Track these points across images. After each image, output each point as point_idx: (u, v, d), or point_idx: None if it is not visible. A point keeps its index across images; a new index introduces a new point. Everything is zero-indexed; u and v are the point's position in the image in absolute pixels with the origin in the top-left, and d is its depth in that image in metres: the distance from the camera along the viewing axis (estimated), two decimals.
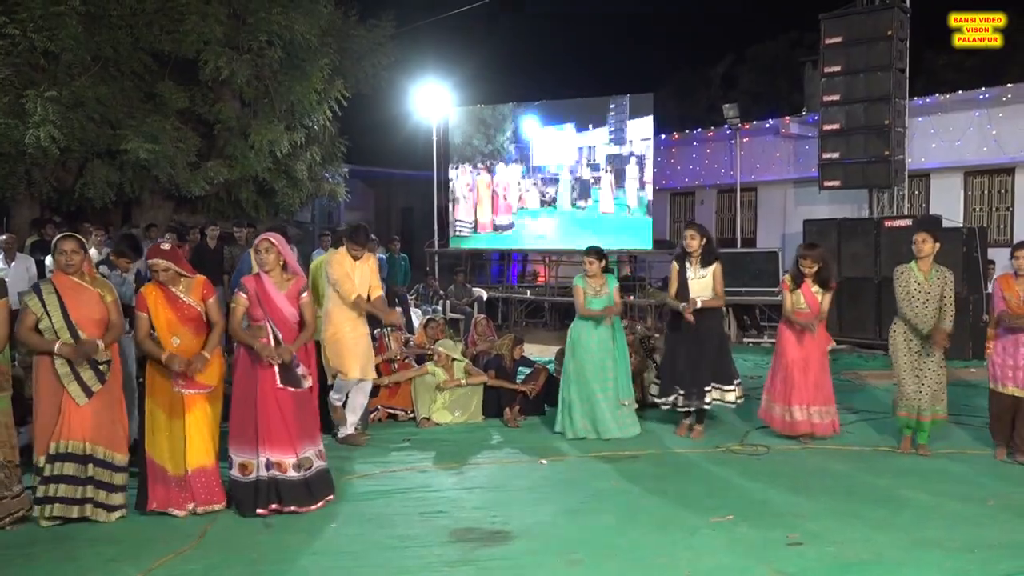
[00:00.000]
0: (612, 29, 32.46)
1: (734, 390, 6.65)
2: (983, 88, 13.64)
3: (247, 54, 12.99)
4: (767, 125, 16.48)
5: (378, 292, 6.64)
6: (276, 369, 4.94)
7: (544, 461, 6.09)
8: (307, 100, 13.70)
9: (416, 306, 13.35)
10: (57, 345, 4.67)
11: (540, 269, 16.96)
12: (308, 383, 5.13)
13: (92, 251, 10.71)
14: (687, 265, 6.56)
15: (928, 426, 6.10)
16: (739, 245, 16.15)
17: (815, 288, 6.46)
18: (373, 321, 7.05)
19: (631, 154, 14.14)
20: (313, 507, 4.97)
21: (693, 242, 6.48)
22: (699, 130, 17.93)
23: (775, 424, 6.61)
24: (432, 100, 16.19)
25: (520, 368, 8.05)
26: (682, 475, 5.76)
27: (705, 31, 30.08)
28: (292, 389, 5.00)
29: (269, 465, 4.92)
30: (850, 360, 10.75)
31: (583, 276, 6.83)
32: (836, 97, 12.91)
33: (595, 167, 14.51)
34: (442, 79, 16.55)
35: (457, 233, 15.98)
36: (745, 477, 5.68)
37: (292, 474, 4.96)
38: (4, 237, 8.89)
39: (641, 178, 14.10)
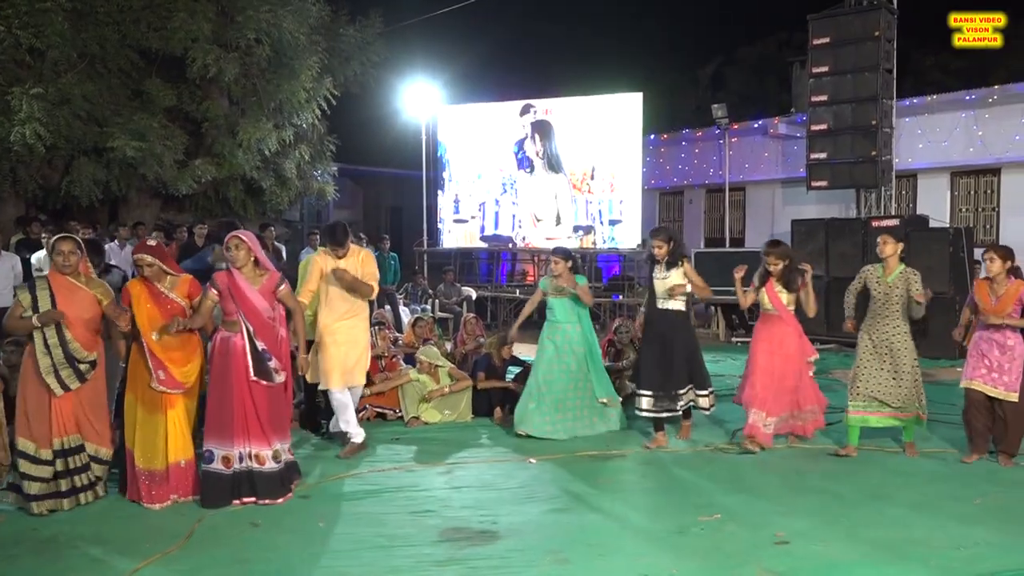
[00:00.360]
0: (601, 29, 32.50)
1: (707, 396, 6.56)
2: (970, 89, 13.73)
3: (235, 52, 12.93)
4: (755, 125, 16.53)
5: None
6: (249, 361, 5.00)
7: (533, 460, 6.08)
8: (295, 98, 13.66)
9: (405, 305, 13.33)
10: (34, 317, 4.79)
11: (529, 268, 16.96)
12: (280, 378, 5.16)
13: None
14: (655, 268, 6.53)
15: (912, 423, 6.10)
16: (727, 245, 16.20)
17: (778, 288, 6.34)
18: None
19: (619, 153, 14.14)
20: (283, 498, 5.07)
21: (660, 251, 6.41)
22: (688, 130, 17.97)
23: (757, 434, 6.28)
24: (421, 99, 16.16)
25: (510, 367, 8.04)
26: (670, 474, 5.77)
27: (694, 32, 30.10)
28: (264, 382, 5.05)
29: (243, 457, 4.99)
30: (837, 360, 10.79)
31: (549, 277, 6.82)
32: (824, 97, 12.97)
33: (582, 165, 14.50)
34: (431, 78, 16.53)
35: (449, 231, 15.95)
36: (733, 476, 5.69)
37: (270, 465, 5.06)
38: None
39: (629, 177, 14.11)
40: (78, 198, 12.55)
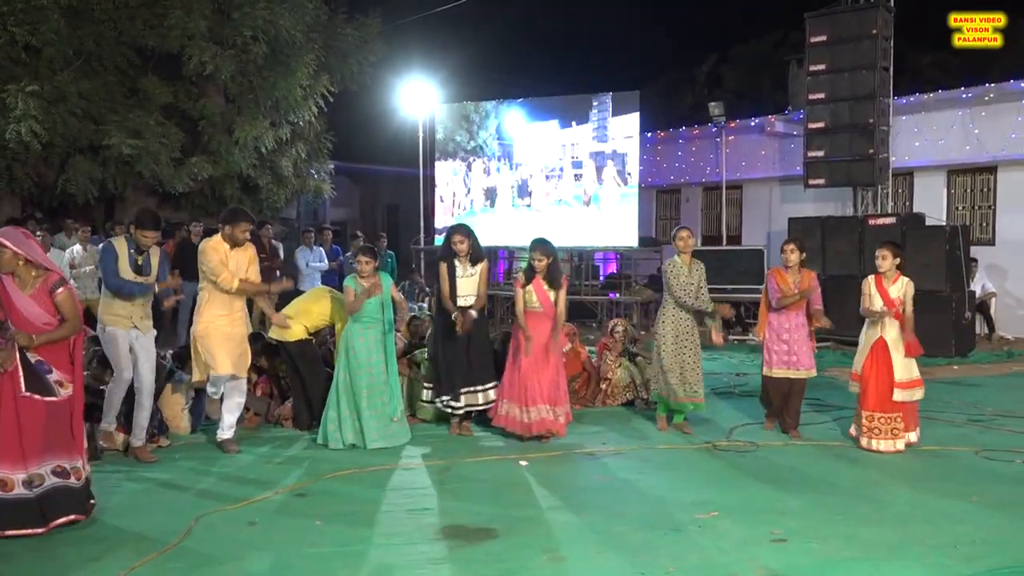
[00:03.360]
0: (599, 27, 32.53)
1: (490, 390, 6.67)
2: (966, 87, 13.73)
3: (231, 49, 12.92)
4: (752, 123, 16.51)
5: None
6: (20, 374, 4.45)
7: (524, 463, 6.01)
8: (292, 96, 13.64)
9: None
10: None
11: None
12: (64, 392, 4.61)
13: (77, 247, 10.64)
14: (456, 264, 6.57)
15: (690, 407, 6.74)
16: (724, 243, 16.20)
17: (546, 286, 6.46)
18: None
19: (616, 151, 14.15)
20: (43, 529, 4.45)
21: (463, 245, 6.53)
22: (685, 128, 17.97)
23: (514, 426, 6.44)
24: (418, 96, 16.14)
25: None
26: (666, 471, 5.78)
27: (691, 29, 30.17)
28: (39, 397, 4.49)
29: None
30: (835, 357, 10.80)
31: (355, 277, 6.50)
32: (821, 95, 12.96)
33: (579, 164, 14.51)
34: (428, 75, 16.51)
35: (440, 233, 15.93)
36: (729, 473, 5.70)
37: (19, 491, 4.44)
38: None
39: (627, 175, 14.12)
40: (74, 196, 12.53)
